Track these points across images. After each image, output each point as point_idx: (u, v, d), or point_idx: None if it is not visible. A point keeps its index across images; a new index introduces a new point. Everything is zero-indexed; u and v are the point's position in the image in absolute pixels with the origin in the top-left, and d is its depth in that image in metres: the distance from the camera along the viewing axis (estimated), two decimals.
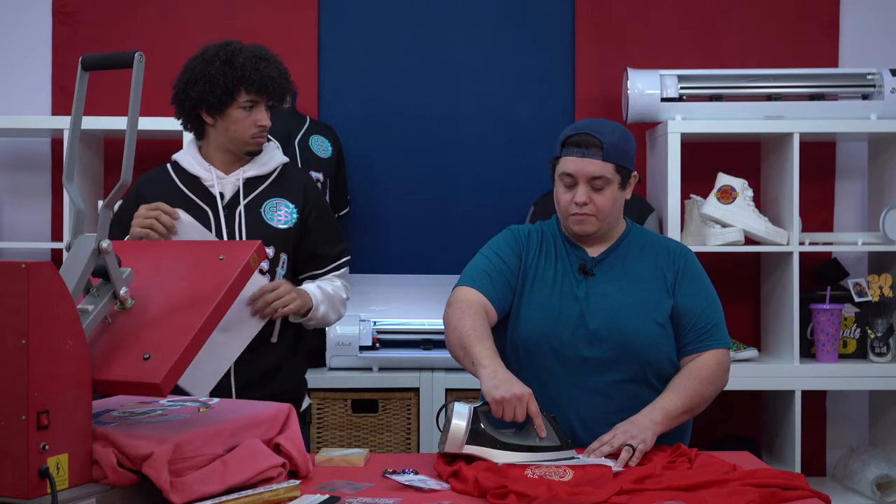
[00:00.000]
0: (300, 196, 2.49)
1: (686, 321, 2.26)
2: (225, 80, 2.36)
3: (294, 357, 2.52)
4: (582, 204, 2.24)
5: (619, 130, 2.27)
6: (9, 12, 3.88)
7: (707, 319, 2.26)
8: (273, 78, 2.39)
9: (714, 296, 2.32)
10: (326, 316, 2.47)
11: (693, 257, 2.35)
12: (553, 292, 2.28)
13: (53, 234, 3.79)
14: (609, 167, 2.23)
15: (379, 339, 3.44)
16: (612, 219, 2.29)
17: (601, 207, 2.25)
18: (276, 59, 2.44)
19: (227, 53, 2.38)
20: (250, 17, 3.83)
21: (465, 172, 3.91)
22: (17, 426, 1.45)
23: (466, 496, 1.77)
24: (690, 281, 2.29)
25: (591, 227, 2.28)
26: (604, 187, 2.24)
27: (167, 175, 2.49)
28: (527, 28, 3.91)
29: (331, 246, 2.53)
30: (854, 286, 3.51)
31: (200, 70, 2.38)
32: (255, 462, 1.73)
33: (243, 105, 2.39)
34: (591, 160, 2.22)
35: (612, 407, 2.20)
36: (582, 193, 2.24)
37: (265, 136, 2.45)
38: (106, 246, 1.68)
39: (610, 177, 2.23)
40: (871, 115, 3.52)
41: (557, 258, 2.33)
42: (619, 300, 2.25)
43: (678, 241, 2.43)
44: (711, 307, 2.29)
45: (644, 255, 2.32)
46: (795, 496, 1.77)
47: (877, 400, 3.75)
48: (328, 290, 2.48)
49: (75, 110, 1.76)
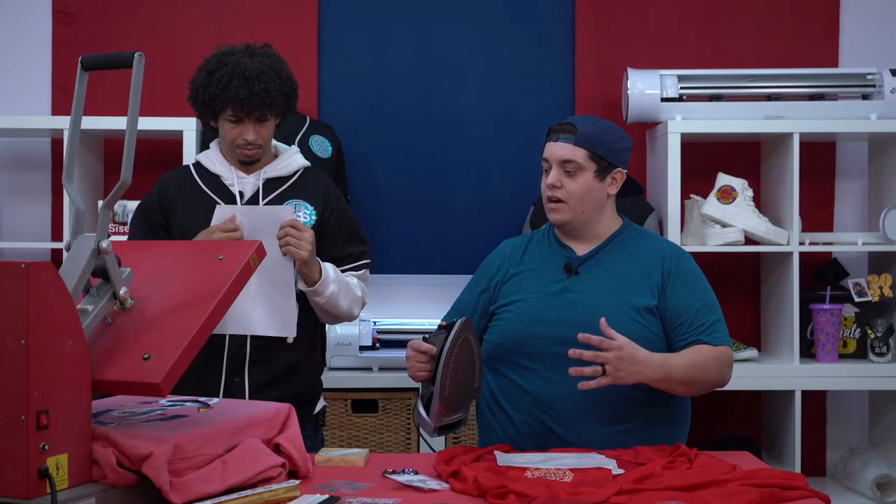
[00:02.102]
0: (320, 198, 2.50)
1: (680, 321, 2.24)
2: (204, 93, 2.41)
3: (309, 358, 2.51)
4: (552, 186, 2.29)
5: (602, 124, 2.32)
6: (9, 12, 3.88)
7: (703, 318, 2.24)
8: (242, 98, 2.36)
9: (710, 297, 2.29)
10: (336, 298, 2.42)
11: (686, 260, 2.33)
12: (535, 293, 2.29)
13: (53, 234, 3.79)
14: (580, 152, 2.26)
15: (379, 339, 3.44)
16: (588, 209, 2.30)
17: (572, 193, 2.28)
18: (263, 76, 2.38)
19: (213, 65, 2.41)
20: (250, 18, 3.83)
21: (465, 172, 3.91)
22: (16, 426, 1.45)
23: (466, 496, 1.77)
24: (683, 283, 2.27)
25: (563, 216, 2.30)
26: (575, 172, 2.27)
27: (189, 174, 2.52)
28: (527, 28, 3.91)
29: (350, 248, 2.52)
30: (854, 286, 3.51)
31: (195, 76, 2.45)
32: (255, 462, 1.73)
33: (228, 118, 2.41)
34: (563, 144, 2.29)
35: (590, 404, 2.18)
36: (552, 176, 2.30)
37: (252, 149, 2.43)
38: (106, 246, 1.68)
39: (581, 162, 2.27)
40: (871, 115, 3.52)
41: (542, 261, 2.35)
42: (597, 298, 2.24)
43: (674, 244, 2.41)
44: (707, 307, 2.26)
45: (633, 255, 2.31)
46: (795, 496, 1.77)
47: (877, 400, 3.75)
48: (344, 278, 2.46)
49: (75, 110, 1.76)
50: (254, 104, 2.38)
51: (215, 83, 2.38)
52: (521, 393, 2.24)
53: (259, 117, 2.41)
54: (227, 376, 2.39)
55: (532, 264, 2.36)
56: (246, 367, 2.40)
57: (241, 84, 2.36)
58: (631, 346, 2.07)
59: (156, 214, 2.48)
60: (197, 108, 2.46)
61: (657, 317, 2.25)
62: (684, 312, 2.24)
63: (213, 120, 2.46)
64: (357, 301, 2.51)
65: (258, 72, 2.39)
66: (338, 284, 2.43)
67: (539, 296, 2.28)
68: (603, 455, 2.02)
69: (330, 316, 2.49)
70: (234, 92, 2.36)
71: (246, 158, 2.45)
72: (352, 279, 2.50)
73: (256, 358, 2.40)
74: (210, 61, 2.43)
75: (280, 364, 2.42)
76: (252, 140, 2.41)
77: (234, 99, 2.37)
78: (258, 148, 2.44)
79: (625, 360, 2.05)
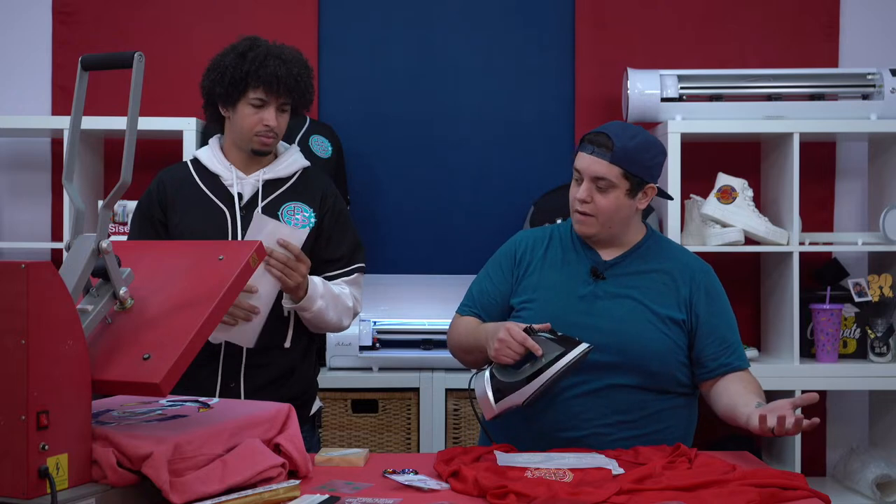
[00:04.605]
0: (319, 200, 2.47)
1: (711, 339, 2.25)
2: (234, 72, 2.37)
3: (305, 361, 2.48)
4: (582, 201, 2.25)
5: (640, 138, 2.24)
6: (9, 12, 3.87)
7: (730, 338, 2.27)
8: (280, 76, 2.36)
9: (732, 315, 2.32)
10: (323, 313, 2.38)
11: (714, 276, 2.34)
12: (558, 293, 2.27)
13: (53, 234, 3.79)
14: (615, 170, 2.22)
15: (379, 339, 3.44)
16: (616, 224, 2.28)
17: (602, 209, 2.24)
18: (296, 62, 2.40)
19: (244, 47, 2.40)
20: (251, 17, 3.83)
21: (465, 172, 3.91)
22: (16, 426, 1.45)
23: (466, 496, 1.77)
24: (712, 301, 2.29)
25: (590, 230, 2.28)
26: (608, 189, 2.23)
27: (188, 172, 2.49)
28: (527, 28, 3.91)
29: (342, 251, 2.47)
30: (854, 286, 3.51)
31: (219, 59, 2.42)
32: (255, 462, 1.73)
33: (252, 101, 2.38)
34: (599, 160, 2.22)
35: (610, 409, 2.19)
36: (584, 190, 2.24)
37: (271, 138, 2.41)
38: (105, 246, 1.68)
39: (615, 180, 2.22)
40: (871, 115, 3.52)
41: (566, 260, 2.33)
42: (627, 306, 2.24)
43: (698, 258, 2.39)
44: (731, 326, 2.30)
45: (660, 265, 2.30)
46: (795, 496, 1.77)
47: (877, 400, 3.75)
48: (333, 290, 2.42)
49: (75, 110, 1.76)
50: (290, 84, 2.37)
51: (249, 61, 2.36)
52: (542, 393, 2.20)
53: (283, 104, 2.40)
54: (222, 381, 2.36)
55: (555, 262, 2.33)
56: (241, 372, 2.37)
57: (278, 64, 2.36)
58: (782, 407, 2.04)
59: (155, 211, 2.45)
60: (220, 91, 2.40)
61: (684, 330, 2.26)
62: (715, 331, 2.26)
63: (231, 106, 2.41)
64: (347, 312, 2.46)
65: (293, 56, 2.41)
66: (326, 299, 2.38)
67: (564, 297, 2.27)
68: (603, 455, 2.02)
69: (319, 329, 2.46)
70: (270, 69, 2.35)
71: (262, 147, 2.42)
72: (344, 289, 2.46)
73: (252, 363, 2.37)
74: (239, 45, 2.41)
75: (275, 368, 2.40)
76: (273, 126, 2.39)
77: (271, 76, 2.35)
78: (275, 137, 2.42)
79: None
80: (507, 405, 2.08)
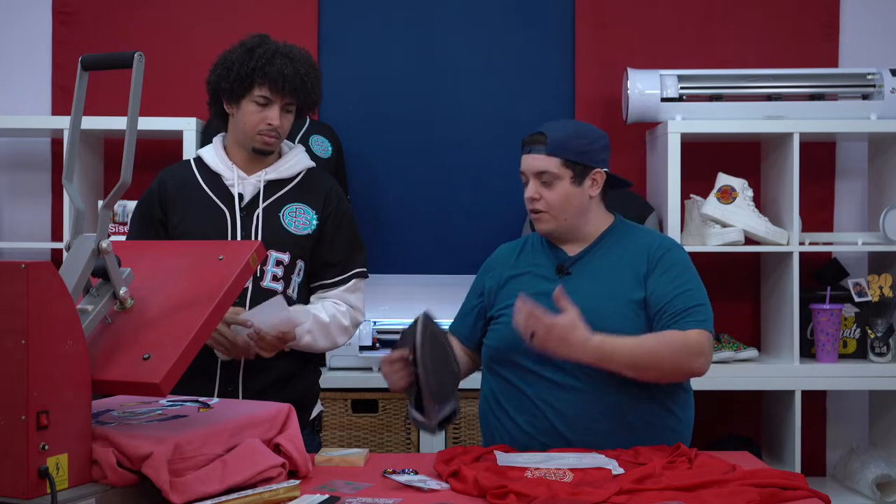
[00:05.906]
0: (322, 202, 2.45)
1: (657, 308, 2.22)
2: (240, 68, 2.36)
3: (307, 365, 2.46)
4: (531, 199, 2.30)
5: (572, 126, 2.33)
6: (9, 12, 3.88)
7: (680, 304, 2.20)
8: (286, 75, 2.34)
9: (692, 284, 2.25)
10: (313, 346, 2.37)
11: (675, 249, 2.31)
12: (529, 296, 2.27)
13: (53, 234, 3.79)
14: (553, 161, 2.26)
15: (379, 339, 3.43)
16: (571, 216, 2.30)
17: (551, 203, 2.28)
18: (304, 63, 2.39)
19: (253, 43, 2.39)
20: (250, 17, 3.83)
21: (465, 172, 3.91)
22: (16, 426, 1.45)
23: (466, 496, 1.77)
24: (665, 270, 2.25)
25: (547, 225, 2.31)
26: (552, 182, 2.27)
27: (190, 171, 2.47)
28: (527, 28, 3.91)
29: (343, 255, 2.45)
30: (854, 286, 3.51)
31: (226, 55, 2.41)
32: (255, 462, 1.73)
33: (256, 99, 2.37)
34: (536, 155, 2.29)
35: (592, 403, 2.18)
36: (531, 189, 2.30)
37: (273, 137, 2.39)
38: (105, 246, 1.68)
39: (556, 171, 2.26)
40: (871, 115, 3.52)
41: (536, 263, 2.36)
42: (590, 297, 2.22)
43: (665, 237, 2.39)
44: (687, 294, 2.23)
45: (623, 251, 2.31)
46: (795, 496, 1.77)
47: (877, 400, 3.75)
48: (323, 318, 2.38)
49: (75, 110, 1.77)
50: (296, 84, 2.36)
51: (257, 57, 2.34)
52: (520, 394, 2.24)
53: (288, 104, 2.39)
54: (220, 385, 2.34)
55: (526, 268, 2.36)
56: (240, 375, 2.35)
57: (286, 62, 2.35)
58: (571, 325, 2.07)
59: (155, 211, 2.44)
60: (225, 86, 2.38)
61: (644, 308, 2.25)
62: (661, 299, 2.22)
63: (235, 102, 2.39)
64: (343, 330, 2.43)
65: (301, 57, 2.40)
66: (314, 334, 2.36)
67: (533, 298, 2.27)
68: (603, 455, 2.02)
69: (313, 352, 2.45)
70: (277, 67, 2.34)
71: (264, 146, 2.40)
72: (339, 307, 2.42)
73: (251, 367, 2.35)
74: (248, 41, 2.40)
75: (275, 373, 2.36)
76: (276, 125, 2.38)
77: (278, 74, 2.34)
78: (278, 137, 2.40)
79: (553, 338, 2.06)
80: (429, 407, 2.07)
